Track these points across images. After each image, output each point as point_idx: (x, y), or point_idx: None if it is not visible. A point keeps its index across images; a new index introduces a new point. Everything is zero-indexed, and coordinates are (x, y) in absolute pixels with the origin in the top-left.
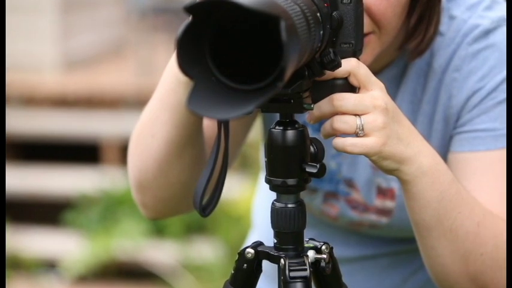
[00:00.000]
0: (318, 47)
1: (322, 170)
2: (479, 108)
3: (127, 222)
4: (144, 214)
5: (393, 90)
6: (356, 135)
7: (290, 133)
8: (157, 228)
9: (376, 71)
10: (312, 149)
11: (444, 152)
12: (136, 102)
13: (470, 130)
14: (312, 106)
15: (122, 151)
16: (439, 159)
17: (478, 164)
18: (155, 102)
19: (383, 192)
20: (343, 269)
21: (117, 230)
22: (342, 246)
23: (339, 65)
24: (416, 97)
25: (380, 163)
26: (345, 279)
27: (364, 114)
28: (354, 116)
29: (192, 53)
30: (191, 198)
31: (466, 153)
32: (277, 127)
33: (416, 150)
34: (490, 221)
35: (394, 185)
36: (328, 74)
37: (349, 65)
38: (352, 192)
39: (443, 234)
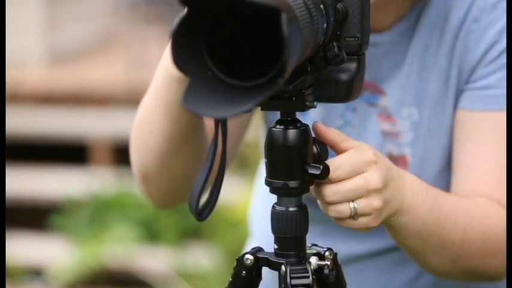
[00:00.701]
0: (321, 41)
1: (326, 171)
2: (495, 63)
3: (118, 227)
4: (150, 203)
5: (404, 46)
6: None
7: (291, 132)
8: (150, 233)
9: (387, 26)
10: (314, 149)
11: (452, 123)
12: (127, 99)
13: (484, 87)
14: (315, 104)
15: (112, 151)
16: (417, 188)
17: (487, 125)
18: (150, 97)
19: (394, 160)
20: (354, 269)
21: (107, 236)
22: (351, 241)
23: (344, 60)
24: (430, 53)
25: None
26: (355, 278)
27: (359, 199)
28: (347, 204)
29: (187, 47)
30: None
31: (477, 112)
32: (277, 126)
33: (402, 200)
34: (477, 220)
35: (407, 151)
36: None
37: (331, 138)
38: None
39: (430, 250)
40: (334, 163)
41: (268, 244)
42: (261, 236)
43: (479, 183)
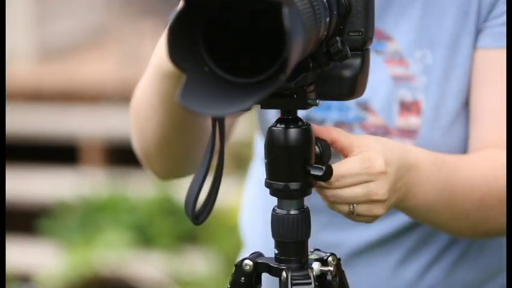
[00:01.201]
0: (324, 35)
1: (329, 172)
2: None
3: (110, 232)
4: (153, 176)
5: None
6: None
7: (293, 132)
8: (144, 238)
9: None
10: (317, 149)
11: (469, 64)
12: (120, 96)
13: (505, 23)
14: (317, 101)
15: (104, 151)
16: (428, 173)
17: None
18: (146, 83)
19: (407, 107)
20: (364, 260)
21: (99, 241)
22: (358, 228)
23: (347, 56)
24: None
25: None
26: (366, 270)
27: (360, 204)
28: (347, 205)
29: (184, 43)
30: (199, 161)
31: (498, 50)
32: (278, 125)
33: (407, 191)
34: (494, 186)
35: (420, 96)
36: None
37: (328, 136)
38: (367, 116)
39: (444, 223)
40: (338, 171)
41: (264, 250)
42: (256, 242)
43: (500, 129)
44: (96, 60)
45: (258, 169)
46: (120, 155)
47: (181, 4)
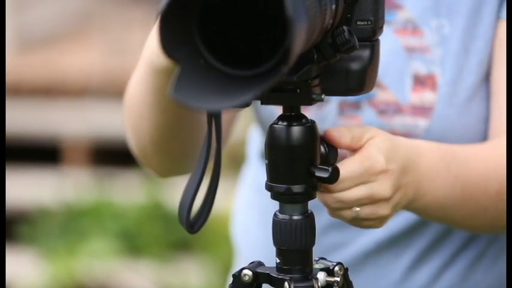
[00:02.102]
0: (329, 24)
1: (335, 174)
2: None
3: (95, 240)
4: (152, 174)
5: None
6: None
7: (296, 130)
8: (133, 246)
9: None
10: (322, 148)
11: (492, 35)
12: (106, 90)
13: None
14: (323, 97)
15: (89, 151)
16: (436, 169)
17: None
18: (137, 79)
19: (421, 82)
20: (374, 262)
21: (83, 249)
22: None
23: (355, 47)
24: None
25: None
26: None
27: (364, 206)
28: (349, 209)
29: (177, 31)
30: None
31: None
32: (280, 122)
33: (416, 190)
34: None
35: (436, 69)
36: None
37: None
38: (377, 92)
39: (461, 221)
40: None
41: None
42: (251, 251)
43: None
44: (80, 51)
45: (252, 170)
46: (107, 156)
47: None
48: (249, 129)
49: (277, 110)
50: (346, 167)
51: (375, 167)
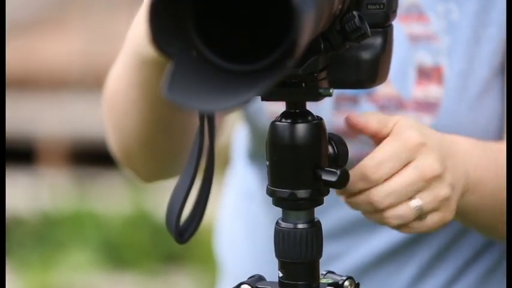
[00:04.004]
0: (338, 9)
1: (345, 177)
2: None
3: (74, 251)
4: (134, 178)
5: None
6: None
7: (301, 128)
8: (116, 258)
9: None
10: (330, 149)
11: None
12: (87, 83)
13: None
14: (331, 91)
15: (67, 151)
16: (476, 155)
17: None
18: (120, 72)
19: (426, 75)
20: (370, 277)
21: (61, 261)
22: (365, 233)
23: (367, 35)
24: None
25: None
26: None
27: (419, 193)
28: (406, 204)
29: (169, 22)
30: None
31: None
32: (283, 120)
33: (466, 176)
34: None
35: (443, 60)
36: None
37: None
38: (377, 87)
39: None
40: (372, 162)
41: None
42: (239, 266)
43: None
44: (58, 38)
45: (238, 174)
46: (88, 157)
47: None
48: (234, 128)
49: (266, 105)
50: (381, 149)
51: (412, 141)
